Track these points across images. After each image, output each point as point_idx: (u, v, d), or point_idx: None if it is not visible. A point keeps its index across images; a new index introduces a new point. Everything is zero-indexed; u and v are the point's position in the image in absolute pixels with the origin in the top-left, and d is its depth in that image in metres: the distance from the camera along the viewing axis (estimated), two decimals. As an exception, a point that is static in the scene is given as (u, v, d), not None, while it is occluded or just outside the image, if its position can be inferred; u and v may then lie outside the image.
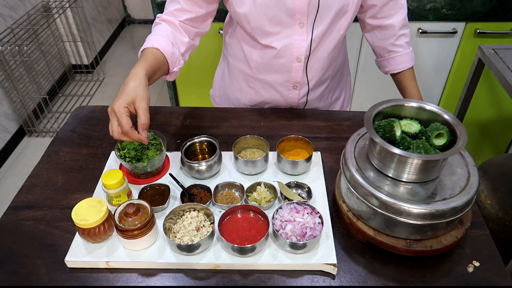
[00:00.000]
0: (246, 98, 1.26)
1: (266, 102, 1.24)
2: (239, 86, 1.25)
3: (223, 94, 1.33)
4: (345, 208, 0.87)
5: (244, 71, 1.20)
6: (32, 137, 2.79)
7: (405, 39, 1.16)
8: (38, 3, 2.94)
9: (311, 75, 1.15)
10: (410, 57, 1.18)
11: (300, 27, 1.04)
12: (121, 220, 0.80)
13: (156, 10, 1.84)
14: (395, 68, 1.19)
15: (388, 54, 1.19)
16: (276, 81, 1.17)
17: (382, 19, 1.13)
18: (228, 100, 1.32)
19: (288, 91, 1.19)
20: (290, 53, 1.08)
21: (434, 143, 0.80)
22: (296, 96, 1.20)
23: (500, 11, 1.83)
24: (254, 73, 1.17)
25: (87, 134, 1.16)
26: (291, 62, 1.10)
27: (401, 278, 0.80)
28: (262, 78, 1.18)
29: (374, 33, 1.18)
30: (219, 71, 1.33)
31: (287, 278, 0.80)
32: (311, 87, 1.18)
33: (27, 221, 0.91)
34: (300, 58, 1.09)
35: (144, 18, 4.30)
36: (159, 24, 1.05)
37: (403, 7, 1.12)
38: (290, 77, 1.14)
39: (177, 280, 0.80)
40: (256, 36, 1.08)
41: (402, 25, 1.14)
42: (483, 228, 0.89)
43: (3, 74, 2.52)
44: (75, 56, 3.34)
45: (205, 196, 0.94)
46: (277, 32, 1.05)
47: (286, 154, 1.03)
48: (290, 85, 1.17)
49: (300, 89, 1.18)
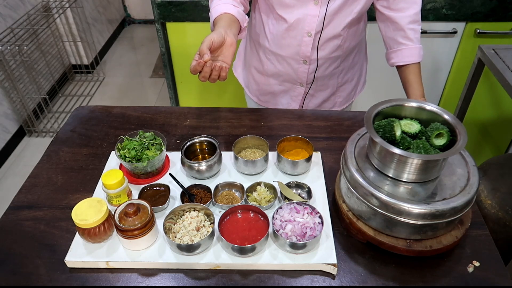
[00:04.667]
0: (263, 69, 1.33)
1: (279, 74, 1.30)
2: (258, 57, 1.33)
3: (245, 64, 1.43)
4: (345, 208, 0.87)
5: (262, 43, 1.28)
6: (32, 137, 2.79)
7: (415, 34, 1.18)
8: (38, 3, 2.94)
9: (320, 51, 1.20)
10: (418, 53, 1.19)
11: (314, 4, 1.11)
12: (121, 220, 0.80)
13: (156, 10, 1.84)
14: (401, 60, 1.20)
15: (397, 46, 1.20)
16: (287, 54, 1.23)
17: (395, 11, 1.16)
18: (248, 70, 1.40)
19: (298, 65, 1.24)
20: (302, 27, 1.15)
21: (434, 143, 0.80)
22: (305, 71, 1.25)
23: (500, 11, 1.83)
24: (270, 45, 1.25)
25: (87, 134, 1.16)
26: (302, 36, 1.17)
27: (401, 278, 0.80)
28: (275, 51, 1.25)
29: (387, 24, 1.20)
30: (243, 43, 1.44)
31: (287, 278, 0.80)
32: (320, 64, 1.23)
33: (27, 221, 0.91)
34: (310, 33, 1.15)
35: (144, 18, 4.30)
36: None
37: (417, 3, 1.15)
38: (300, 51, 1.20)
39: (177, 280, 0.80)
40: (273, 5, 1.15)
41: (413, 20, 1.16)
42: (483, 228, 0.89)
43: (3, 74, 2.52)
44: (75, 56, 3.34)
45: (205, 196, 0.94)
46: (293, 5, 1.12)
47: (286, 154, 1.03)
48: (300, 59, 1.22)
49: (309, 65, 1.23)
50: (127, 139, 1.00)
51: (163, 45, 1.95)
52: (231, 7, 1.08)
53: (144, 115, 1.23)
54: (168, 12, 1.85)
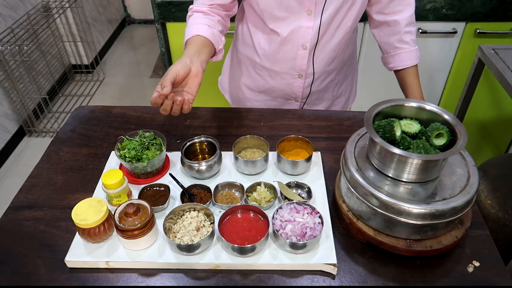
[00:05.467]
0: (253, 85, 1.28)
1: (272, 89, 1.26)
2: (247, 73, 1.27)
3: (232, 81, 1.35)
4: (345, 208, 0.87)
5: (252, 58, 1.22)
6: (32, 137, 2.79)
7: (411, 36, 1.17)
8: (38, 3, 2.94)
9: (316, 64, 1.16)
10: (415, 55, 1.19)
11: (307, 14, 1.06)
12: (121, 220, 0.80)
13: (156, 10, 1.84)
14: (399, 64, 1.20)
15: (393, 50, 1.19)
16: (282, 69, 1.19)
17: (389, 15, 1.14)
18: (236, 86, 1.34)
19: (293, 80, 1.21)
20: (296, 40, 1.11)
21: (434, 143, 0.80)
22: (301, 85, 1.21)
23: (500, 11, 1.83)
24: (261, 60, 1.20)
25: (87, 134, 1.16)
26: (297, 49, 1.13)
27: (401, 278, 0.80)
28: (268, 66, 1.20)
29: (381, 29, 1.19)
30: (228, 58, 1.36)
31: (287, 278, 0.80)
32: (316, 77, 1.20)
33: (27, 221, 0.91)
34: (305, 46, 1.11)
35: (144, 18, 4.30)
36: (191, 15, 1.09)
37: (411, 5, 1.14)
38: (296, 65, 1.16)
39: (177, 280, 0.80)
40: (264, 19, 1.10)
41: (408, 22, 1.15)
42: (483, 228, 0.89)
43: (3, 74, 2.52)
44: (75, 56, 3.34)
45: (205, 196, 0.94)
46: (285, 18, 1.08)
47: (286, 154, 1.03)
48: (295, 73, 1.19)
49: (305, 79, 1.20)
50: (127, 139, 1.00)
51: (163, 45, 1.95)
52: (206, 28, 1.03)
53: (144, 115, 1.23)
54: (168, 12, 1.85)
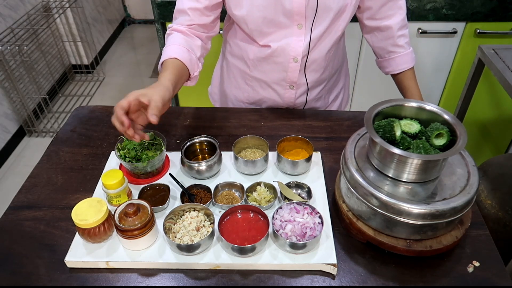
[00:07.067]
0: (243, 96, 1.26)
1: (263, 100, 1.25)
2: (237, 84, 1.25)
3: (221, 91, 1.33)
4: (345, 208, 0.87)
5: (241, 69, 1.20)
6: (32, 137, 2.79)
7: (404, 39, 1.16)
8: (38, 3, 2.94)
9: (308, 75, 1.15)
10: (411, 58, 1.18)
11: (298, 28, 1.04)
12: (121, 220, 0.80)
13: (156, 10, 1.84)
14: (395, 68, 1.19)
15: (388, 54, 1.19)
16: (272, 80, 1.17)
17: (381, 20, 1.13)
18: (226, 97, 1.32)
19: (284, 91, 1.19)
20: (287, 53, 1.09)
21: (434, 143, 0.80)
22: (292, 96, 1.20)
23: (500, 11, 1.82)
24: (251, 71, 1.18)
25: (87, 134, 1.16)
26: (288, 62, 1.11)
27: (401, 278, 0.80)
28: (259, 77, 1.18)
29: (374, 34, 1.18)
30: (218, 68, 1.34)
31: (287, 278, 0.80)
32: (309, 88, 1.19)
33: (27, 221, 0.91)
34: (296, 58, 1.10)
35: (144, 18, 4.30)
36: (171, 34, 1.07)
37: (402, 8, 1.12)
38: (287, 77, 1.15)
39: (177, 280, 0.80)
40: (254, 37, 1.08)
41: (401, 26, 1.14)
42: (483, 228, 0.89)
43: (3, 74, 2.52)
44: (75, 56, 3.34)
45: (205, 196, 0.94)
46: (275, 32, 1.06)
47: (286, 154, 1.03)
48: (286, 84, 1.17)
49: (296, 89, 1.18)
50: (127, 139, 1.00)
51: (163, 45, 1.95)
52: (184, 52, 1.00)
53: (144, 115, 1.23)
54: (168, 12, 1.85)
